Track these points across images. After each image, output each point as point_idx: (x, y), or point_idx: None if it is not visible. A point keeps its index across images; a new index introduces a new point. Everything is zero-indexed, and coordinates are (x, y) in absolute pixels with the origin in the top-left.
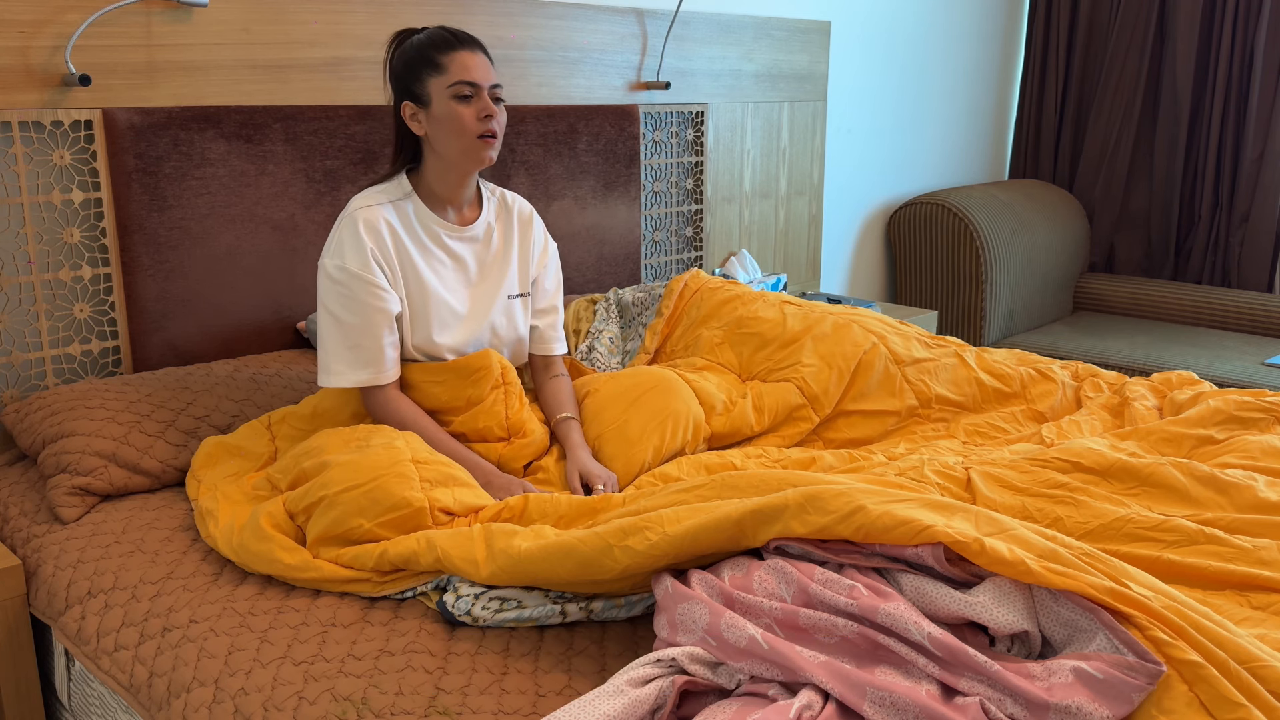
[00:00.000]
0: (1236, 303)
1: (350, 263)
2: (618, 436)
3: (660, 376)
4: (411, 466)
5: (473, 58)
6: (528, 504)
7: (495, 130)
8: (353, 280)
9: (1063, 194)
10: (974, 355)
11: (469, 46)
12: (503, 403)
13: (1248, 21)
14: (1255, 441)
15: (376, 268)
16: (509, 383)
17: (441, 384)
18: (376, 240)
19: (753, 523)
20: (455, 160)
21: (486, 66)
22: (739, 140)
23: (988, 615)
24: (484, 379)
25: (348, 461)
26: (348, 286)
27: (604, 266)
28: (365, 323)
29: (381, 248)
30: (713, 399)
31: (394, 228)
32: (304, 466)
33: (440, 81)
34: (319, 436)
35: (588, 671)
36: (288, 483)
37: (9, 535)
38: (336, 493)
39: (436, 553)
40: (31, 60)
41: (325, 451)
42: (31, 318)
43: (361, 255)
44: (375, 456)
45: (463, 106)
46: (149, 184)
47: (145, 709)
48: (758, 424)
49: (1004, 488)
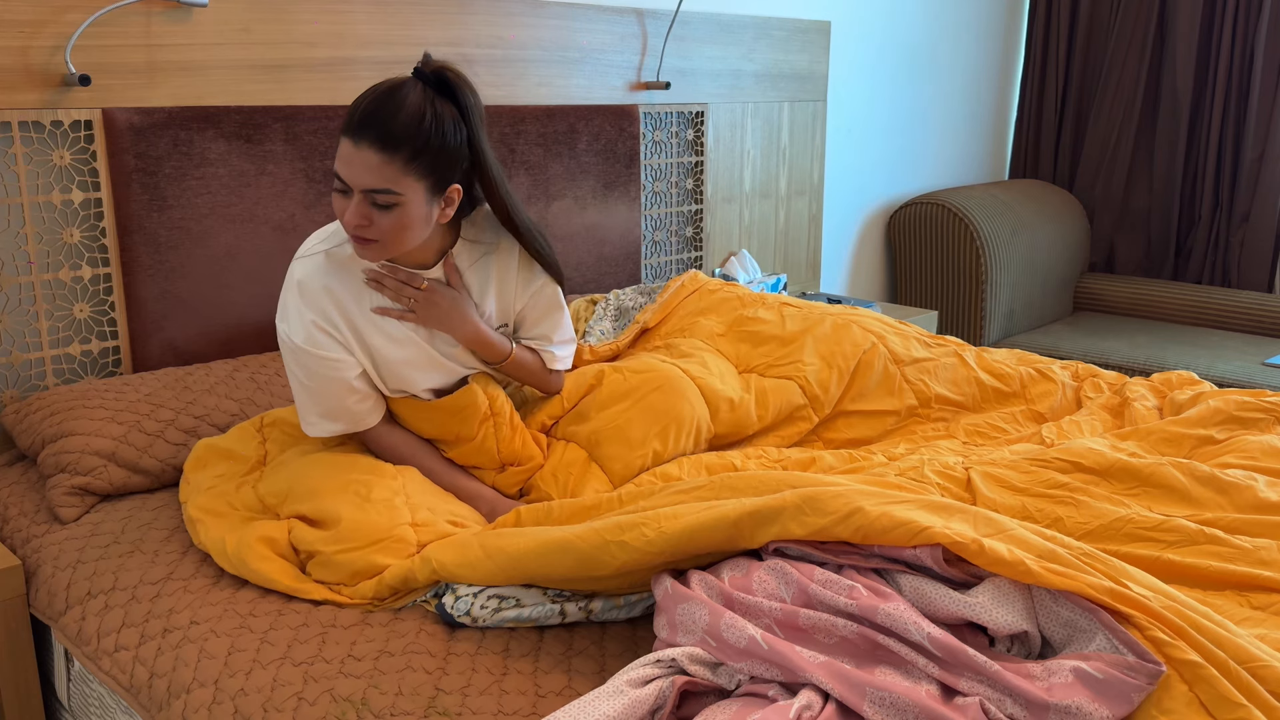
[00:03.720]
0: (1236, 303)
1: (295, 336)
2: (618, 437)
3: (668, 375)
4: (410, 530)
5: (350, 150)
6: (520, 519)
7: (365, 236)
8: (301, 354)
9: (1063, 194)
10: (974, 355)
11: (352, 135)
12: (493, 437)
13: (1248, 21)
14: (1255, 442)
15: (323, 338)
16: (498, 413)
17: (429, 421)
18: (317, 309)
19: (750, 524)
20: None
21: (364, 165)
22: (739, 140)
23: (987, 616)
24: (471, 416)
25: (347, 520)
26: (298, 357)
27: (604, 266)
28: (325, 389)
29: (324, 314)
30: (719, 398)
31: (333, 291)
32: (303, 510)
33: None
34: (314, 466)
35: (587, 672)
36: (284, 513)
37: (9, 535)
38: (334, 552)
39: (432, 565)
40: (31, 60)
41: (322, 496)
42: (31, 318)
43: (305, 329)
44: (374, 518)
45: (338, 198)
46: (149, 184)
47: (145, 709)
48: (759, 421)
49: (1004, 488)
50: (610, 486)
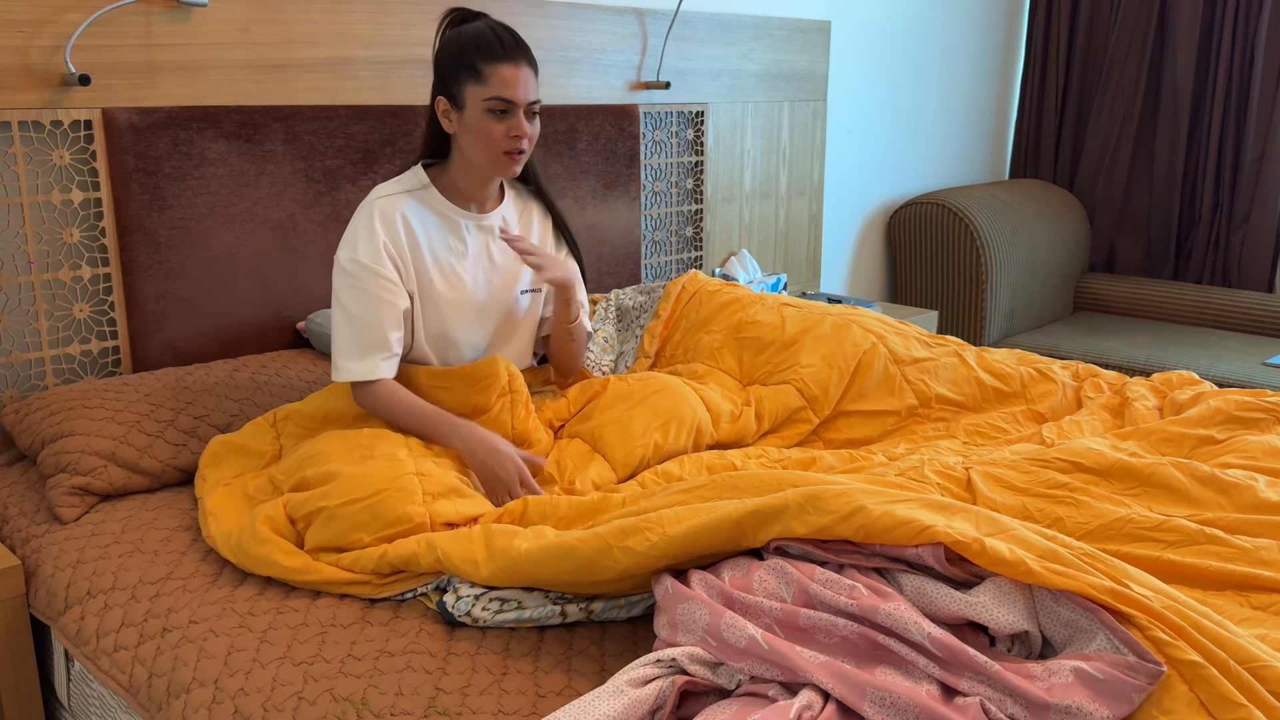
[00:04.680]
0: (1236, 303)
1: (362, 254)
2: (619, 429)
3: (668, 382)
4: (415, 480)
5: (515, 72)
6: (527, 507)
7: (523, 148)
8: (363, 272)
9: (1063, 194)
10: (974, 355)
11: (513, 59)
12: (509, 411)
13: (1248, 22)
14: (1256, 441)
15: (387, 259)
16: (515, 390)
17: (447, 390)
18: (390, 232)
19: (753, 523)
20: (480, 166)
21: (528, 82)
22: (739, 140)
23: (988, 615)
24: (491, 386)
25: (351, 474)
26: (358, 278)
27: (604, 266)
28: (374, 316)
29: (395, 240)
30: (720, 409)
31: (409, 221)
32: (307, 474)
33: (477, 91)
34: (323, 440)
35: (587, 672)
36: (290, 485)
37: (9, 535)
38: (337, 505)
39: (436, 554)
40: (31, 60)
41: (329, 459)
42: (31, 318)
43: (374, 247)
44: (378, 469)
45: (494, 122)
46: (149, 184)
47: (145, 709)
48: (758, 429)
49: (1004, 488)
50: (612, 472)
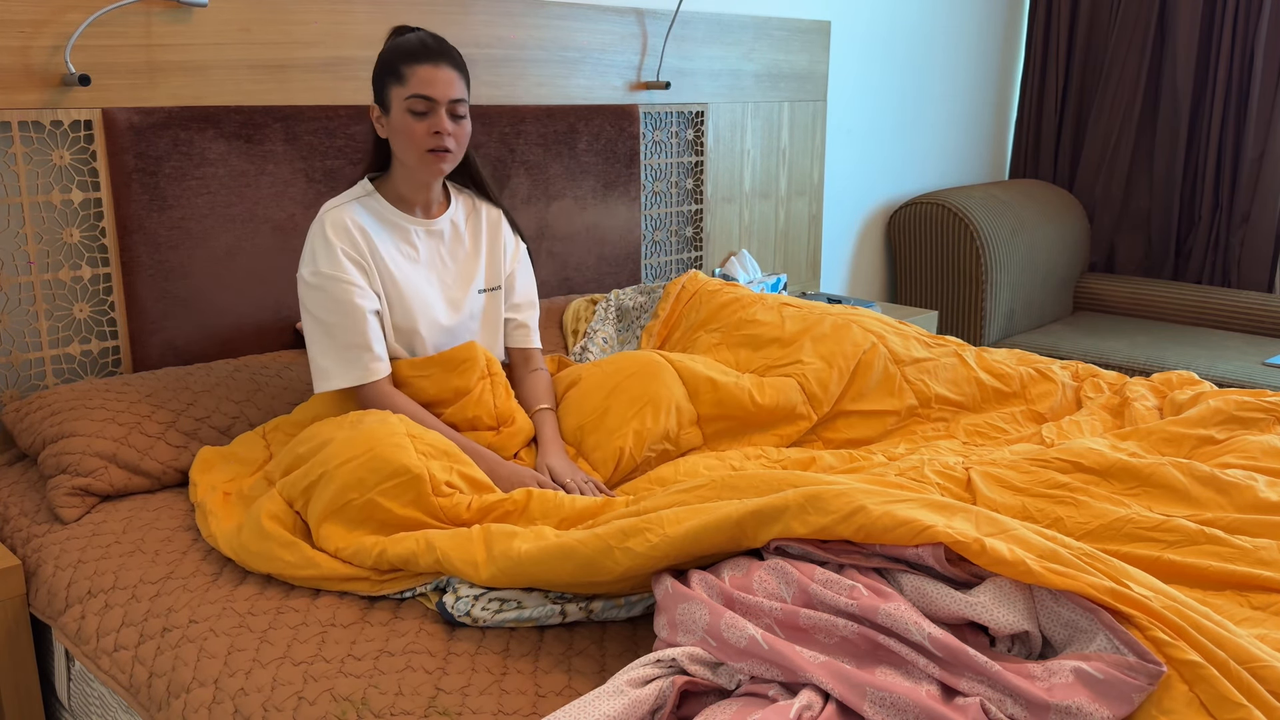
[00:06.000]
0: (1236, 303)
1: (322, 265)
2: (598, 427)
3: (644, 361)
4: (407, 439)
5: (434, 72)
6: (530, 500)
7: (448, 146)
8: (327, 282)
9: (1063, 194)
10: (974, 355)
11: (434, 60)
12: (490, 392)
13: (1248, 22)
14: (1255, 441)
15: (348, 264)
16: (494, 373)
17: (428, 378)
18: (345, 238)
19: (753, 523)
20: (411, 168)
21: (450, 81)
22: (739, 140)
23: (988, 615)
24: (470, 370)
25: (344, 437)
26: (324, 289)
27: (604, 266)
28: (348, 320)
29: (352, 244)
30: (698, 379)
31: (361, 225)
32: (299, 452)
33: (399, 92)
34: (312, 427)
35: (587, 672)
36: (282, 471)
37: (9, 535)
38: (334, 466)
39: (436, 554)
40: (31, 60)
41: (319, 434)
42: (31, 318)
43: (332, 255)
44: (370, 429)
45: (416, 120)
46: (149, 184)
47: (145, 709)
48: (760, 399)
49: (1004, 488)
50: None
